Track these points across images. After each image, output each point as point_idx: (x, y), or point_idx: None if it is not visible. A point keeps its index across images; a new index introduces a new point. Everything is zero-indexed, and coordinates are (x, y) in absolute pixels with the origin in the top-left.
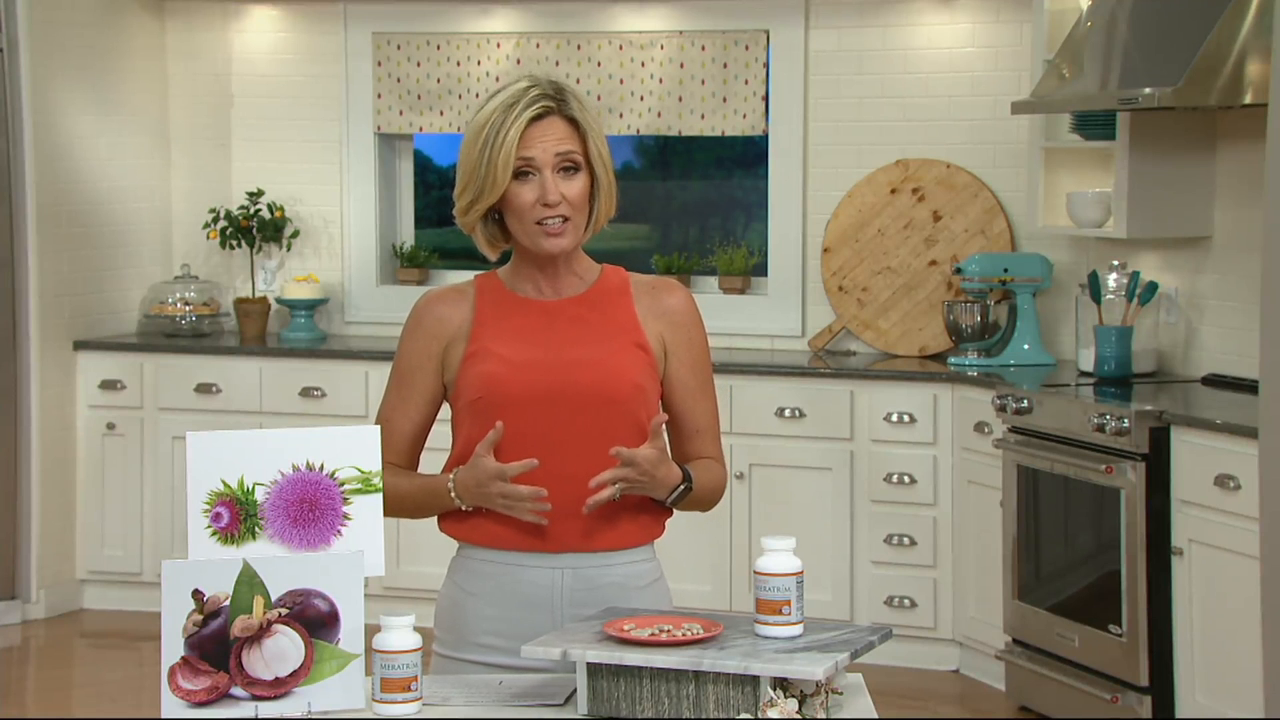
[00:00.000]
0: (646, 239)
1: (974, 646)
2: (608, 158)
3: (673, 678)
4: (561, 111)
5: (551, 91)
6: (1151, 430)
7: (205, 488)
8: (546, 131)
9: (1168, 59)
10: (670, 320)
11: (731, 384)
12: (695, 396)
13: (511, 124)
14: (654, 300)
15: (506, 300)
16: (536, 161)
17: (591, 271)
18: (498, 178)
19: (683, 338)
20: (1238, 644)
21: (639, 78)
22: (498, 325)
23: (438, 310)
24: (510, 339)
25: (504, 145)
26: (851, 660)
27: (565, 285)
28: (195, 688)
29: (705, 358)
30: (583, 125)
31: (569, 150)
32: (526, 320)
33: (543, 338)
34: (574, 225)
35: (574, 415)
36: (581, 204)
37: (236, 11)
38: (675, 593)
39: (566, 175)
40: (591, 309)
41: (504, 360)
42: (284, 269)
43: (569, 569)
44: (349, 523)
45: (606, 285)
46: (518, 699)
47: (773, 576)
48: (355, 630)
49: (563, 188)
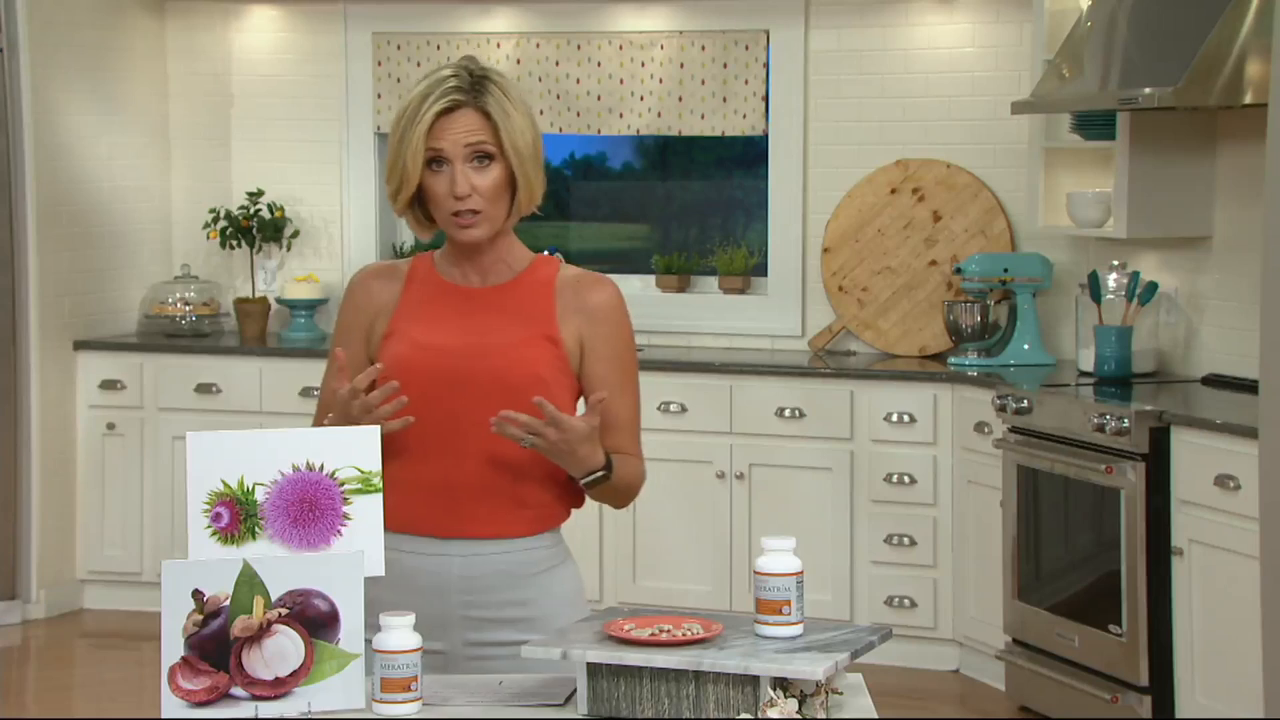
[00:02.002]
0: (646, 239)
1: (974, 646)
2: (525, 148)
3: (673, 678)
4: (474, 103)
5: (468, 83)
6: (1151, 430)
7: (205, 488)
8: (457, 123)
9: (1168, 59)
10: (590, 316)
11: (731, 384)
12: (615, 392)
13: (422, 116)
14: (577, 295)
15: (433, 283)
16: (446, 153)
17: (522, 261)
18: (409, 169)
19: (602, 333)
20: (1238, 644)
21: (639, 78)
22: (418, 307)
23: (369, 284)
24: (425, 322)
25: (415, 137)
26: (851, 660)
27: (491, 273)
28: (195, 688)
29: (627, 354)
30: (495, 116)
31: (479, 141)
32: (445, 305)
33: (456, 324)
34: (487, 216)
35: (473, 401)
36: (495, 195)
37: (236, 11)
38: (674, 592)
39: (479, 166)
40: (510, 298)
41: (413, 342)
42: (284, 269)
43: (459, 556)
44: (349, 523)
45: (532, 276)
46: (518, 699)
47: (773, 576)
48: (355, 630)
49: (474, 179)
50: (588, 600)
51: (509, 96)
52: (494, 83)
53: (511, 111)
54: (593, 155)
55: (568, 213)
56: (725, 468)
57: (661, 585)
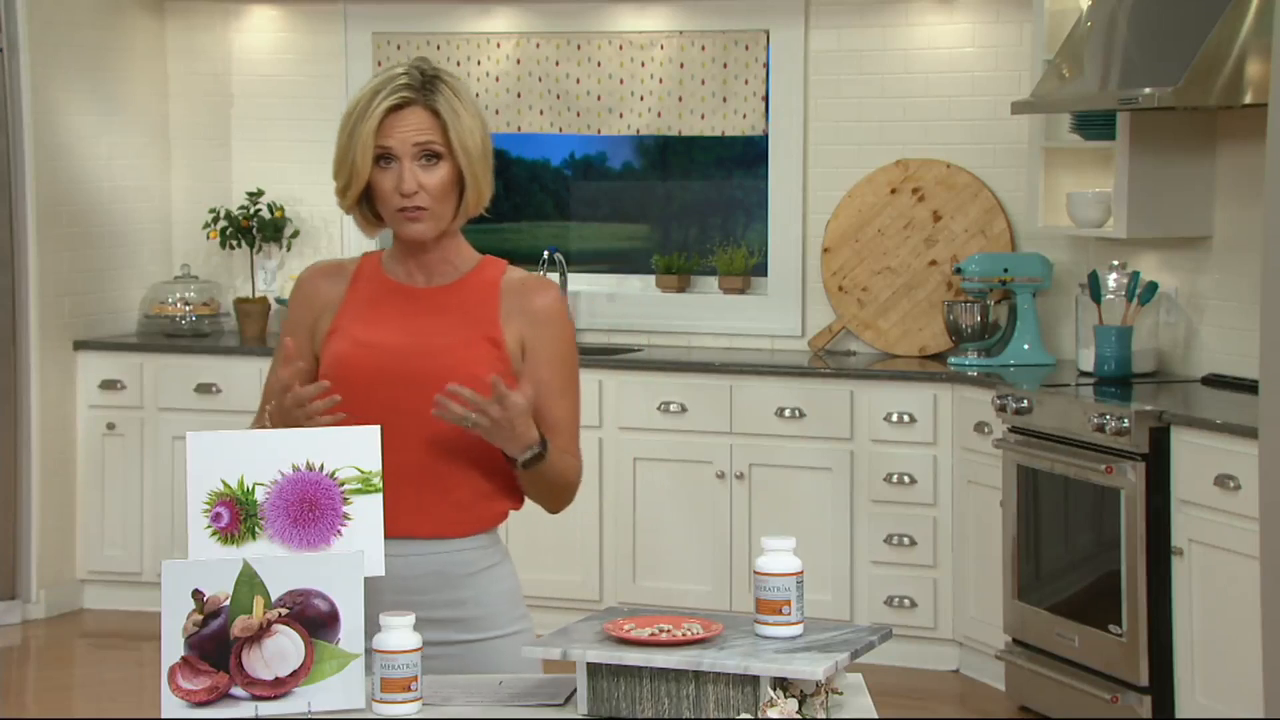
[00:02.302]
0: (646, 239)
1: (974, 646)
2: (474, 148)
3: (673, 678)
4: (424, 101)
5: (419, 81)
6: (1151, 430)
7: (205, 488)
8: (406, 121)
9: (1168, 59)
10: (533, 319)
11: (731, 384)
12: (555, 395)
13: (372, 112)
14: (521, 298)
15: (379, 282)
16: (395, 150)
17: (468, 262)
18: (358, 165)
19: (543, 336)
20: (1238, 644)
21: (639, 78)
22: (362, 305)
23: (316, 282)
24: (368, 321)
25: (364, 133)
26: (851, 660)
27: (437, 273)
28: (195, 688)
29: (568, 358)
30: (444, 114)
31: (427, 141)
32: (389, 304)
33: (399, 323)
34: (434, 214)
35: (413, 401)
36: (442, 194)
37: (236, 11)
38: (674, 592)
39: (427, 165)
40: (454, 299)
41: (354, 340)
42: (284, 269)
43: (395, 556)
44: (349, 522)
45: (478, 278)
46: (518, 699)
47: (773, 576)
48: (355, 630)
49: (422, 177)
50: (582, 601)
51: (459, 97)
52: (445, 83)
53: (461, 111)
54: (593, 155)
55: (568, 213)
56: (725, 468)
57: (661, 585)
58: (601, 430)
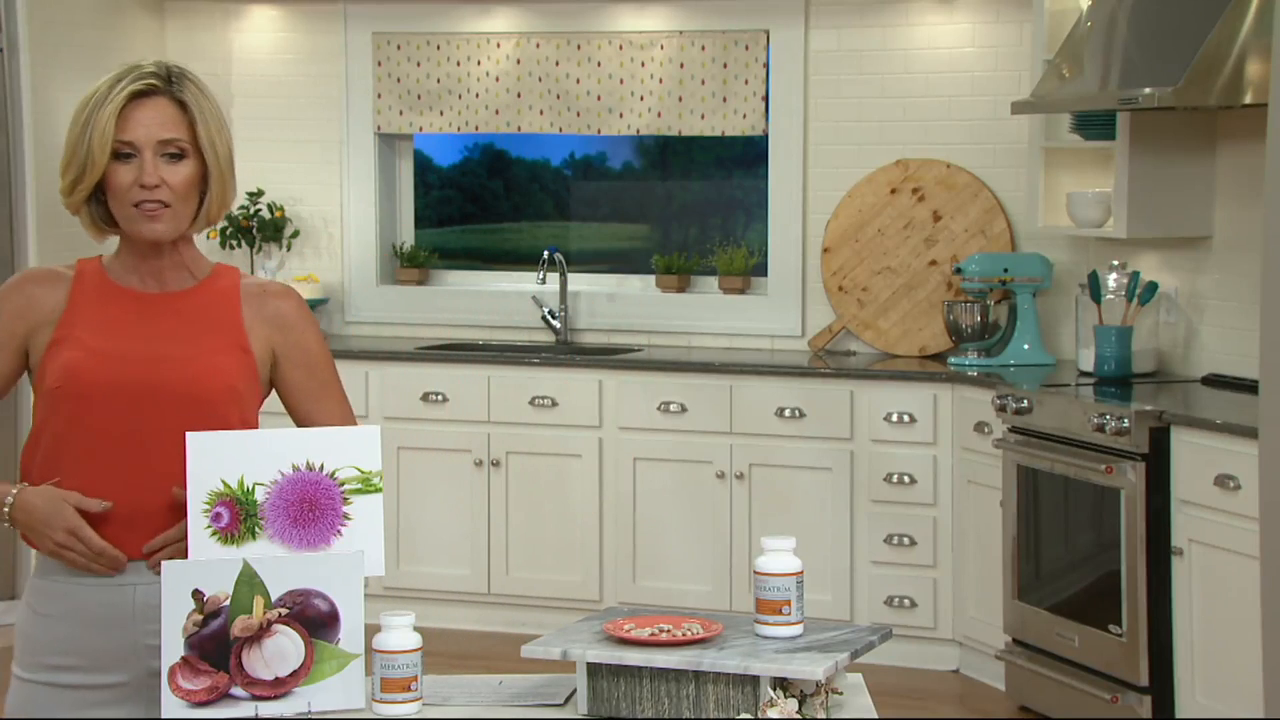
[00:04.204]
0: (647, 239)
1: (974, 646)
2: (222, 146)
3: (673, 678)
4: (170, 93)
5: (165, 74)
6: (1151, 430)
7: (205, 488)
8: (150, 113)
9: (1168, 59)
10: (279, 325)
11: (732, 384)
12: (316, 398)
13: (112, 100)
14: (263, 305)
15: (106, 288)
16: (137, 143)
17: (202, 268)
18: (96, 157)
19: (293, 341)
20: (1238, 644)
21: (639, 78)
22: (91, 313)
23: (29, 290)
24: (101, 329)
25: (103, 123)
26: (851, 660)
27: (171, 279)
28: (195, 688)
29: (322, 359)
30: (193, 109)
31: (174, 138)
32: (123, 311)
33: (137, 330)
34: (175, 213)
35: (161, 413)
36: (185, 192)
37: (236, 11)
38: (674, 592)
39: (171, 161)
40: (194, 306)
41: (90, 350)
42: (284, 269)
43: (142, 584)
44: (349, 523)
45: (215, 284)
46: (518, 699)
47: (773, 576)
48: (355, 630)
49: (165, 173)
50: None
51: (205, 94)
52: (190, 80)
53: (208, 108)
54: (593, 155)
55: (568, 213)
56: (725, 468)
57: (661, 585)
58: (602, 430)
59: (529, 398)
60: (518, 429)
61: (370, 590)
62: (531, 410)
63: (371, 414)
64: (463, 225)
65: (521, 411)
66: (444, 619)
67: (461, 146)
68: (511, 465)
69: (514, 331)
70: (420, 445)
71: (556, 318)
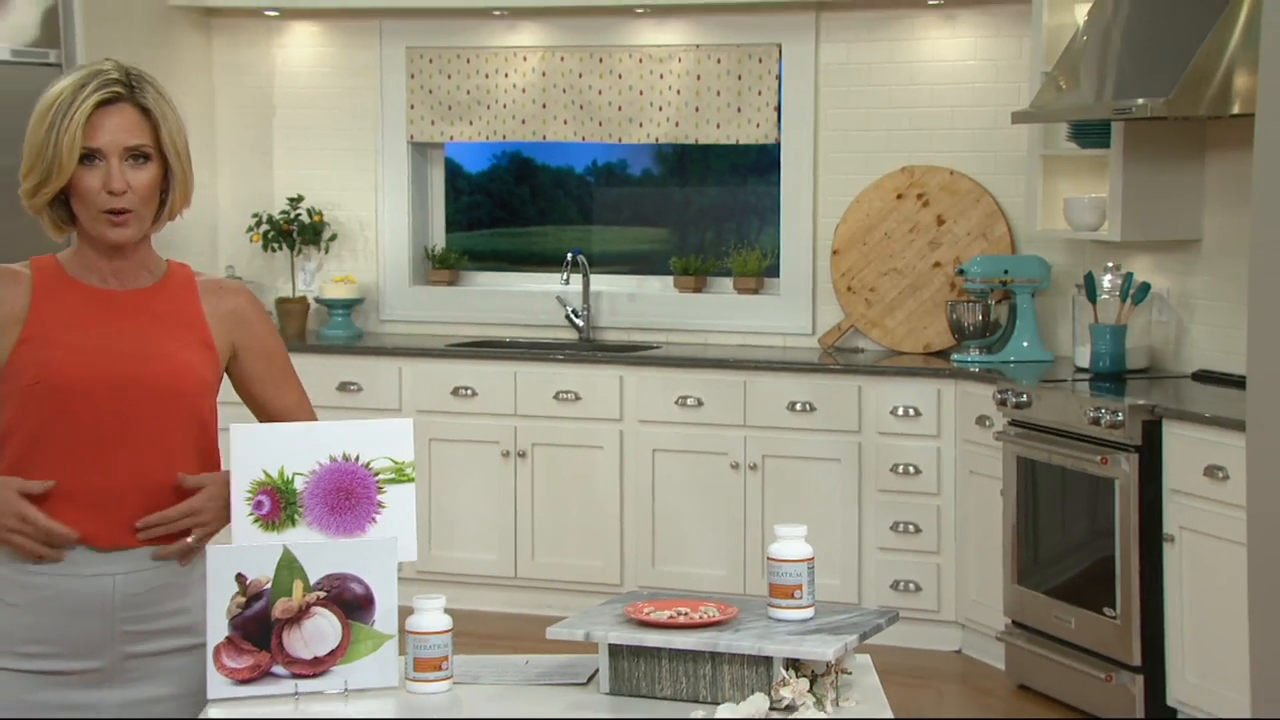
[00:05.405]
0: (665, 242)
1: (975, 628)
2: (183, 147)
3: (690, 658)
4: (134, 99)
5: (125, 77)
6: (1144, 423)
7: (248, 477)
8: (115, 120)
9: (1160, 71)
10: (236, 320)
11: (745, 379)
12: (275, 384)
13: (78, 107)
14: (219, 301)
15: (67, 286)
16: (104, 150)
17: (159, 266)
18: (63, 162)
19: (250, 333)
20: (1226, 625)
21: (658, 89)
22: (58, 311)
23: None
24: (73, 326)
25: (70, 130)
26: (860, 642)
27: (131, 276)
28: (239, 666)
29: (276, 348)
30: (155, 114)
31: (139, 144)
32: (90, 309)
33: (109, 328)
34: (139, 216)
35: (139, 406)
36: (149, 195)
37: (279, 28)
38: (691, 576)
39: (136, 165)
40: (158, 303)
41: (68, 346)
42: (322, 270)
43: (120, 574)
44: (383, 510)
45: (173, 281)
46: (543, 678)
47: (785, 562)
48: (389, 612)
49: (130, 177)
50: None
51: (164, 96)
52: (149, 82)
53: (169, 112)
54: (614, 163)
55: (590, 217)
56: (739, 459)
57: (679, 570)
58: (622, 423)
59: (553, 392)
60: (543, 422)
61: (403, 574)
62: (556, 404)
63: (404, 407)
64: (491, 229)
65: (546, 405)
66: (473, 602)
67: (490, 154)
68: (537, 456)
69: (539, 329)
70: (451, 437)
71: (579, 316)
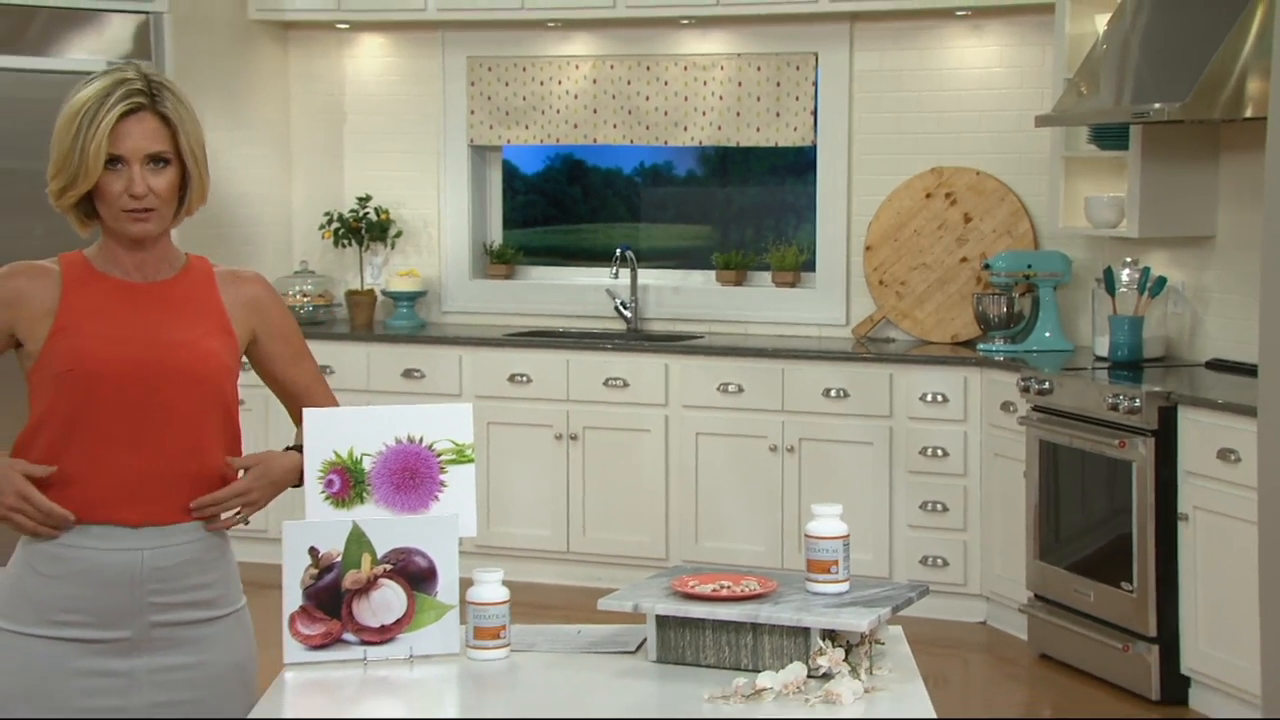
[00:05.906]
0: (708, 238)
1: (1000, 601)
2: (199, 150)
3: (733, 629)
4: (155, 107)
5: (146, 86)
6: (1160, 409)
7: (320, 458)
8: (137, 128)
9: (1176, 77)
10: (254, 307)
11: (783, 368)
12: (293, 362)
13: (103, 117)
14: (238, 290)
15: (95, 280)
16: (127, 157)
17: (179, 259)
18: (89, 169)
19: (268, 319)
20: (1237, 599)
21: (701, 95)
22: (88, 303)
23: (15, 283)
24: (101, 316)
25: (95, 139)
26: (892, 614)
27: (153, 269)
28: (312, 633)
29: (293, 330)
30: (174, 121)
31: (159, 150)
32: (118, 300)
33: (136, 318)
34: (159, 214)
35: (165, 390)
36: (169, 196)
37: (349, 39)
38: (732, 552)
39: (156, 169)
40: (179, 293)
41: (98, 336)
42: (389, 265)
43: (150, 548)
44: (445, 489)
45: (192, 273)
46: (594, 646)
47: (822, 539)
48: (451, 584)
49: (151, 180)
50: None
51: (183, 102)
52: (168, 88)
53: (186, 117)
54: (660, 164)
55: (638, 215)
56: (778, 442)
57: (720, 545)
58: (667, 408)
59: (603, 379)
60: (593, 407)
61: (464, 549)
62: (605, 390)
63: (464, 393)
64: (545, 226)
65: (597, 391)
66: (529, 574)
67: (544, 156)
68: (588, 439)
69: (590, 320)
70: (507, 421)
71: (628, 308)
